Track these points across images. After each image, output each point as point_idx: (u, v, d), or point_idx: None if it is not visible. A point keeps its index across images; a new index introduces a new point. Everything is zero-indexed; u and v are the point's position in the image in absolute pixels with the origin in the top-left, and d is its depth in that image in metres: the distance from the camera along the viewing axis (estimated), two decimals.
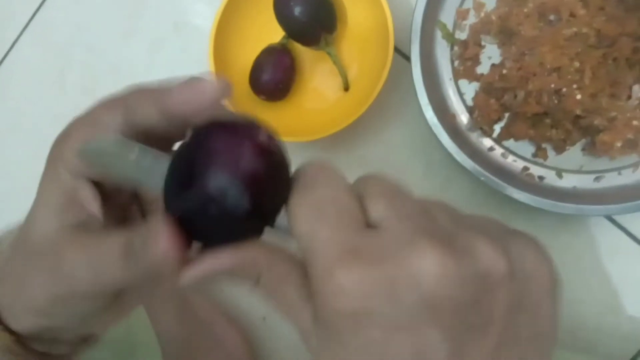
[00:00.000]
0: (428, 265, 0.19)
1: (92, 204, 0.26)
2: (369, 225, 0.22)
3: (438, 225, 0.22)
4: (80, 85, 0.72)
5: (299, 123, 0.63)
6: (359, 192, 0.23)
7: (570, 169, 0.54)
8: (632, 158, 0.53)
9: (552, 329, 0.23)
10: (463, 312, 0.20)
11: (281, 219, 0.24)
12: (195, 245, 0.24)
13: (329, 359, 0.22)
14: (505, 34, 0.55)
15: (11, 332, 0.27)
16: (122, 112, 0.25)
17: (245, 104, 0.61)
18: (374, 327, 0.20)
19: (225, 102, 0.59)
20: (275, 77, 0.61)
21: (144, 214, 0.32)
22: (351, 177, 0.24)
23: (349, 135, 0.62)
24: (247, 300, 0.64)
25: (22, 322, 0.27)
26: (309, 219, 0.22)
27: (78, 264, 0.25)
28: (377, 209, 0.22)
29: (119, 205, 0.29)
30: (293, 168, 0.25)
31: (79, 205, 0.26)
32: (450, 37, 0.57)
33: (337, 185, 0.23)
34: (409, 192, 0.23)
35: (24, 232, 0.27)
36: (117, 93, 0.26)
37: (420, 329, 0.19)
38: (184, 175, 0.22)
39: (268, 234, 0.24)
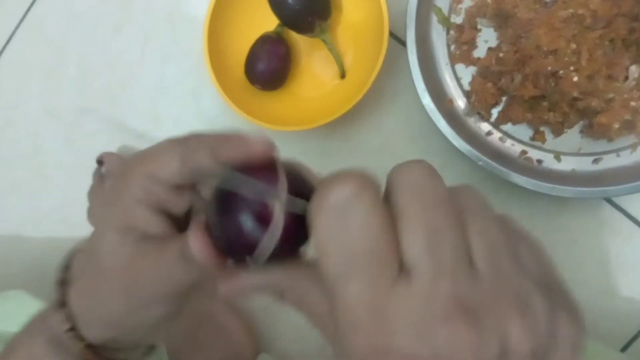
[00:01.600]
0: (455, 344, 0.18)
1: (152, 225, 0.28)
2: (401, 267, 0.20)
3: (475, 286, 0.19)
4: (76, 79, 0.72)
5: (295, 112, 0.62)
6: (395, 210, 0.20)
7: (569, 151, 0.54)
8: (630, 139, 0.53)
9: None
10: None
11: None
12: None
13: None
14: (501, 17, 0.55)
15: (83, 339, 0.30)
16: (181, 153, 0.28)
17: (240, 94, 0.61)
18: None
19: (221, 93, 0.59)
20: (270, 66, 0.60)
21: None
22: (351, 165, 0.24)
23: (346, 122, 0.62)
24: None
25: (92, 332, 0.30)
26: (338, 263, 0.20)
27: (147, 268, 0.28)
28: (413, 250, 0.20)
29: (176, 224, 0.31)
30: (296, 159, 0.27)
31: (141, 227, 0.28)
32: (446, 21, 0.57)
33: (367, 217, 0.20)
34: (454, 226, 0.20)
35: (91, 253, 0.30)
36: (177, 137, 0.29)
37: None
38: (222, 208, 0.25)
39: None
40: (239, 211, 0.24)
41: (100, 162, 0.64)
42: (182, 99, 0.68)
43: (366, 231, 0.20)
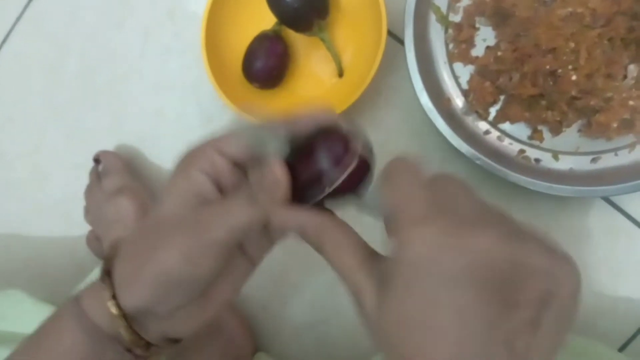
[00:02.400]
0: (485, 241, 0.24)
1: (211, 193, 0.32)
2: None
3: (501, 219, 0.27)
4: (76, 74, 0.72)
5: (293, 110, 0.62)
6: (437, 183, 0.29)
7: (567, 150, 0.54)
8: (629, 138, 0.53)
9: (567, 331, 0.26)
10: (504, 287, 0.24)
11: (369, 198, 0.32)
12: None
13: (391, 307, 0.26)
14: (500, 16, 0.55)
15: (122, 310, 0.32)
16: (249, 134, 0.33)
17: (238, 92, 0.61)
18: (435, 276, 0.24)
19: (218, 91, 0.59)
20: (268, 64, 0.60)
21: None
22: None
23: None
24: (248, 290, 0.64)
25: (135, 295, 0.31)
26: (396, 187, 0.28)
27: (212, 214, 0.31)
28: (455, 197, 0.27)
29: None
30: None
31: (203, 193, 0.32)
32: (444, 20, 0.57)
33: (416, 174, 0.29)
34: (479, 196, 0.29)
35: (155, 214, 0.33)
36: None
37: (467, 288, 0.24)
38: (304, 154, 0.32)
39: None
40: (317, 152, 0.31)
41: (97, 160, 0.64)
42: (183, 94, 0.68)
43: (414, 174, 0.29)
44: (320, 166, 0.31)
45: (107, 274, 0.33)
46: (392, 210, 0.28)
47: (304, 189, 0.31)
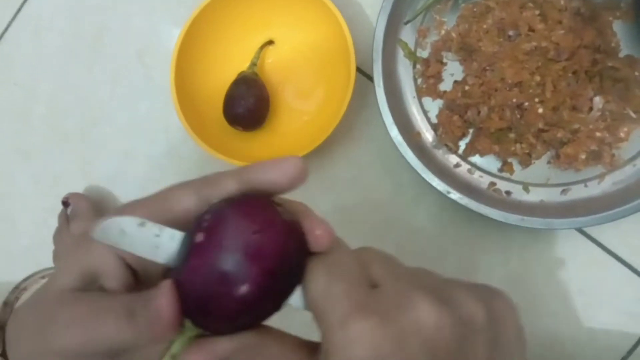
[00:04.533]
0: (424, 314, 0.23)
1: (114, 277, 0.27)
2: (371, 285, 0.25)
3: (425, 282, 0.25)
4: (45, 118, 0.71)
5: (270, 149, 0.62)
6: (360, 259, 0.27)
7: (537, 182, 0.54)
8: (598, 169, 0.53)
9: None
10: (455, 352, 0.23)
11: (294, 297, 0.25)
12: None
13: None
14: (466, 51, 0.56)
15: None
16: (196, 189, 0.26)
17: (214, 132, 0.61)
18: None
19: (189, 131, 0.58)
20: (251, 108, 0.59)
21: None
22: (324, 198, 0.26)
23: (318, 156, 0.61)
24: None
25: None
26: (324, 280, 0.25)
27: (82, 318, 0.26)
28: (377, 272, 0.26)
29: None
30: None
31: (102, 274, 0.27)
32: (412, 56, 0.57)
33: (346, 253, 0.26)
34: (398, 260, 0.28)
35: (44, 289, 0.29)
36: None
37: None
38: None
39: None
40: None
41: (65, 203, 0.63)
42: (153, 135, 0.68)
43: (344, 256, 0.26)
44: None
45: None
46: (316, 307, 0.25)
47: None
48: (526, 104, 0.52)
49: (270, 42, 0.63)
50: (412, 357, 0.22)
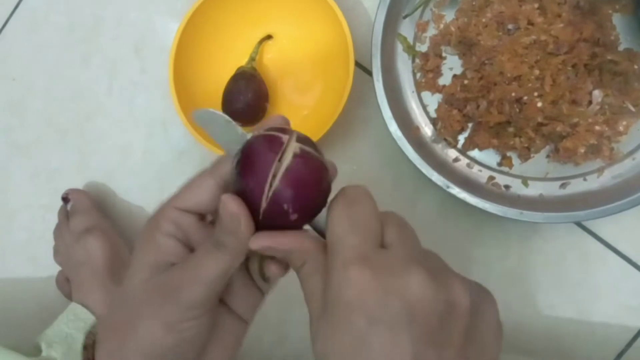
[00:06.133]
0: (415, 284, 0.25)
1: (178, 256, 0.31)
2: (382, 245, 0.28)
3: (428, 261, 0.28)
4: (42, 112, 0.71)
5: None
6: (382, 218, 0.29)
7: (536, 176, 0.54)
8: (597, 163, 0.53)
9: (496, 356, 0.28)
10: (431, 327, 0.25)
11: (318, 219, 0.30)
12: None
13: (324, 338, 0.27)
14: (465, 45, 0.55)
15: None
16: (216, 175, 0.31)
17: None
18: (362, 317, 0.25)
19: (188, 126, 0.58)
20: (250, 104, 0.59)
21: None
22: None
23: None
24: None
25: None
26: (344, 226, 0.28)
27: (180, 276, 0.30)
28: (391, 235, 0.29)
29: None
30: None
31: (170, 259, 0.31)
32: (411, 50, 0.57)
33: (371, 209, 0.29)
34: (416, 237, 0.30)
35: (126, 286, 0.31)
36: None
37: (395, 329, 0.25)
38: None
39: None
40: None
41: (65, 199, 0.62)
42: (152, 129, 0.67)
43: (368, 212, 0.29)
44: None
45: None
46: (330, 242, 0.28)
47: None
48: (525, 97, 0.52)
49: (269, 37, 0.63)
50: (392, 314, 0.25)
